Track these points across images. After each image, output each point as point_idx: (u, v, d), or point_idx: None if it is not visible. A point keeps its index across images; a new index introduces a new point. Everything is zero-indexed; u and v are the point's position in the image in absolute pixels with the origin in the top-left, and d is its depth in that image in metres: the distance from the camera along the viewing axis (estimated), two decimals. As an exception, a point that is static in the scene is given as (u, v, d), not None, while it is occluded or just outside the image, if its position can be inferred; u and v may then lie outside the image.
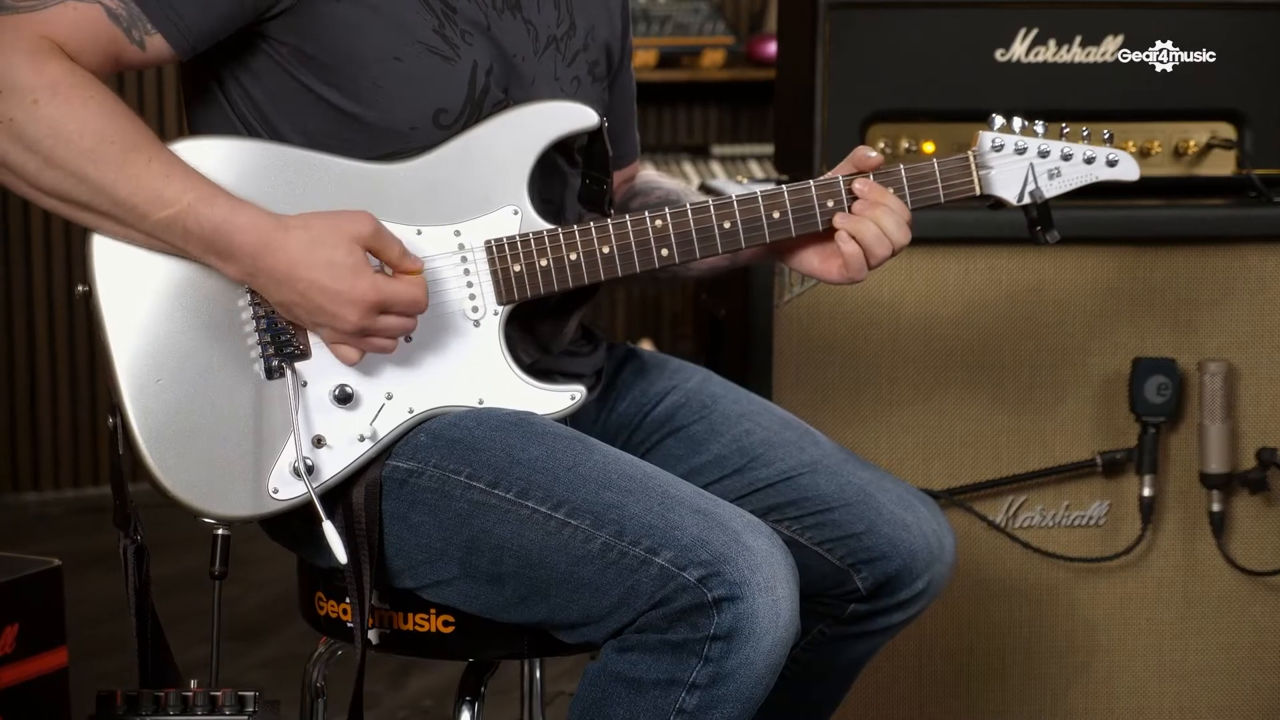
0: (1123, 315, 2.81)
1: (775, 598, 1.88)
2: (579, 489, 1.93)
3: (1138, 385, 2.78)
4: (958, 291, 2.79)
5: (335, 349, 1.97)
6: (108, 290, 1.93)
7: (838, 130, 2.77)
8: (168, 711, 1.87)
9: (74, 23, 1.90)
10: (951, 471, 2.81)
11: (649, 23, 5.35)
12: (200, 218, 1.90)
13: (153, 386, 1.93)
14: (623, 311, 5.83)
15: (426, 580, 2.01)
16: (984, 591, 2.83)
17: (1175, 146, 2.84)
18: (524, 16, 2.10)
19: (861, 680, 2.79)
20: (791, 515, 2.21)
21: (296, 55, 1.99)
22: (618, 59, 2.28)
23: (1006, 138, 2.19)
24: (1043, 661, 2.85)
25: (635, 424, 2.25)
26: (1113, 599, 2.85)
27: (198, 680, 1.97)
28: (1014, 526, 2.83)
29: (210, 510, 1.96)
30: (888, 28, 2.77)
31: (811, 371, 2.78)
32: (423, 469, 1.99)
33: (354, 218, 1.94)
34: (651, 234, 2.07)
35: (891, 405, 2.80)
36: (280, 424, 1.96)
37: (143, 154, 1.89)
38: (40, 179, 1.88)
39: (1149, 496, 2.80)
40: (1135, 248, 2.81)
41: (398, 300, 1.93)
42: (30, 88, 1.85)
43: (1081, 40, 2.80)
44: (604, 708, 1.93)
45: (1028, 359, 2.81)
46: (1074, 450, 2.82)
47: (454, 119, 2.03)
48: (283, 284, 1.91)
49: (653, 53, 5.33)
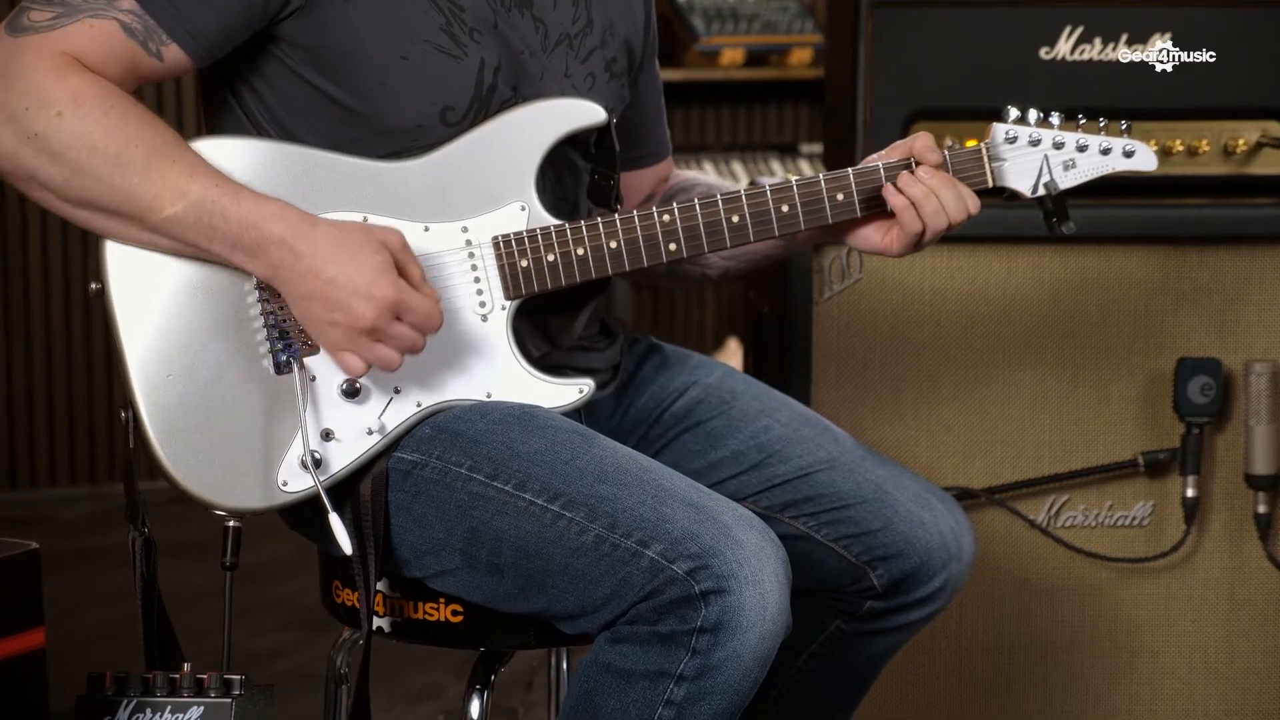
0: (1168, 315, 2.80)
1: (763, 591, 1.90)
2: (575, 482, 1.96)
3: (1181, 385, 2.77)
4: (1000, 290, 2.79)
5: (340, 357, 1.98)
6: (120, 288, 1.98)
7: (880, 128, 2.78)
8: (155, 693, 1.92)
9: (92, 39, 1.95)
10: (992, 470, 2.81)
11: (736, 21, 5.37)
12: (227, 212, 1.94)
13: (163, 382, 1.98)
14: (711, 313, 5.85)
15: (431, 570, 2.05)
16: (1026, 590, 2.83)
17: (1224, 145, 2.81)
18: (534, 14, 2.13)
19: (902, 677, 2.81)
20: (808, 512, 2.22)
21: (306, 56, 2.04)
22: (640, 56, 2.30)
23: (1020, 129, 2.19)
24: (1085, 662, 2.84)
25: (654, 419, 2.28)
26: (1157, 600, 2.83)
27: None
28: (1055, 526, 2.82)
29: (221, 503, 2.01)
30: (931, 26, 2.78)
31: (852, 369, 2.79)
32: (426, 461, 2.02)
33: (386, 228, 1.99)
34: (659, 229, 2.10)
35: (932, 403, 2.80)
36: (289, 418, 2.00)
37: (166, 156, 1.94)
38: (69, 189, 1.94)
39: (1192, 497, 2.78)
40: (1181, 247, 2.79)
41: (415, 309, 1.96)
42: (54, 101, 1.91)
43: (1128, 39, 2.79)
44: (595, 698, 1.95)
45: (1071, 358, 2.80)
46: (1117, 450, 2.81)
47: (461, 117, 2.07)
48: (304, 277, 1.95)
49: (740, 51, 5.34)
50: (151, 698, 1.92)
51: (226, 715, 1.91)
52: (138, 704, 1.92)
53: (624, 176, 2.27)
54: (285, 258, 1.95)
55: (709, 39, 5.35)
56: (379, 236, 1.97)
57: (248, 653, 3.93)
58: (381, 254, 1.95)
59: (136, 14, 1.96)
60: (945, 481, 2.78)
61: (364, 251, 1.95)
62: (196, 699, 1.92)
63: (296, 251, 1.94)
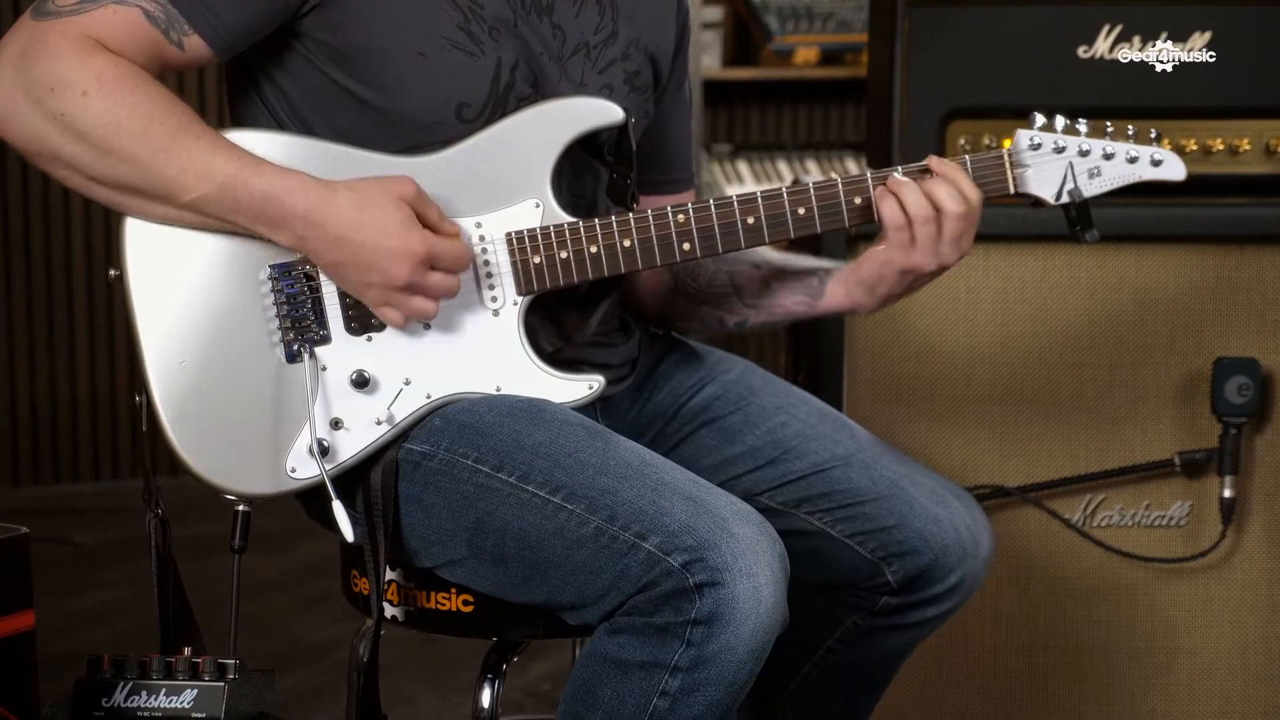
0: (1206, 314, 2.78)
1: (756, 584, 1.91)
2: (577, 474, 1.99)
3: (1219, 385, 2.75)
4: (1036, 289, 2.78)
5: (381, 311, 2.03)
6: (138, 275, 2.03)
7: (916, 128, 2.78)
8: (151, 676, 1.97)
9: (114, 25, 2.00)
10: (1028, 469, 2.80)
11: (811, 20, 5.37)
12: (250, 186, 1.99)
13: (177, 369, 2.03)
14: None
15: (440, 560, 2.08)
16: (1062, 590, 2.82)
17: (1266, 144, 2.79)
18: (553, 21, 2.15)
19: (937, 675, 2.82)
20: (823, 508, 2.24)
21: (326, 51, 2.08)
22: (666, 76, 2.31)
23: (1045, 136, 2.19)
24: (1121, 662, 2.83)
25: (671, 414, 2.30)
26: (1195, 601, 2.82)
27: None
28: (1091, 525, 2.81)
29: (231, 487, 2.05)
30: (967, 25, 2.78)
31: (887, 367, 2.80)
32: (435, 452, 2.06)
33: (398, 180, 2.03)
34: (673, 228, 2.11)
35: (967, 401, 2.80)
36: (299, 406, 2.04)
37: (189, 133, 1.99)
38: (95, 168, 1.99)
39: (1230, 498, 2.77)
40: (1220, 246, 2.77)
41: (445, 255, 2.01)
42: (78, 81, 1.96)
43: (1168, 36, 2.77)
44: (593, 688, 1.98)
45: (1107, 357, 2.79)
46: (1154, 450, 2.80)
47: (477, 113, 2.10)
48: (335, 244, 2.00)
49: (814, 50, 5.35)
50: (148, 680, 1.97)
51: (219, 698, 1.95)
52: (134, 686, 1.97)
53: (647, 200, 2.28)
54: (311, 230, 2.00)
55: (783, 38, 5.36)
56: (394, 190, 2.01)
57: (309, 644, 3.99)
58: (401, 209, 2.00)
59: (159, 2, 2.01)
60: (980, 480, 2.79)
61: (385, 210, 1.99)
62: (191, 682, 1.96)
63: (321, 223, 1.99)
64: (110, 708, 1.96)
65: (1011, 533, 2.80)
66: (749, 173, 5.40)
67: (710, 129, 5.65)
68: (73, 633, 4.00)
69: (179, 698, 1.95)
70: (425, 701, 3.64)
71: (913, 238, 2.12)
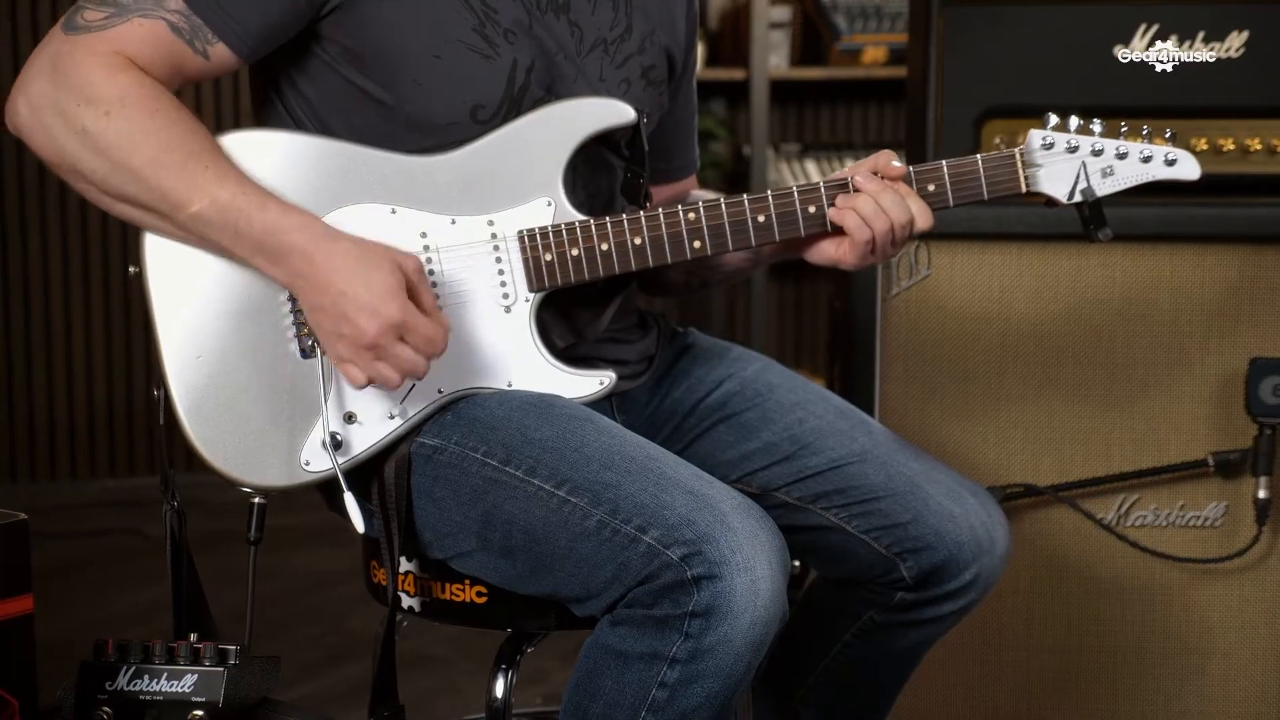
0: (1242, 314, 2.77)
1: (754, 577, 1.93)
2: (582, 468, 2.02)
3: (1254, 386, 2.74)
4: (1070, 288, 2.78)
5: (343, 368, 2.04)
6: (156, 272, 2.08)
7: (952, 126, 2.80)
8: (153, 660, 2.02)
9: (141, 38, 2.05)
10: (1060, 468, 2.81)
11: (879, 19, 5.38)
12: (252, 220, 2.03)
13: (194, 362, 2.07)
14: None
15: (451, 552, 2.12)
16: (1095, 589, 2.82)
17: (1304, 143, 2.79)
18: (570, 18, 2.19)
19: (969, 674, 2.82)
20: (839, 503, 2.25)
21: (343, 53, 2.12)
22: (679, 68, 2.35)
23: (1058, 135, 2.20)
24: (1155, 663, 2.83)
25: (689, 410, 2.32)
26: (1230, 601, 2.81)
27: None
28: (1124, 525, 2.81)
29: (246, 480, 2.09)
30: (1001, 25, 2.79)
31: (920, 366, 2.81)
32: (445, 446, 2.09)
33: (406, 253, 2.05)
34: (684, 226, 2.14)
35: (1000, 400, 2.80)
36: (314, 400, 2.08)
37: (200, 161, 2.03)
38: (108, 183, 2.04)
39: (1265, 499, 2.76)
40: (1257, 246, 2.76)
41: (418, 331, 2.01)
42: (103, 99, 2.01)
43: (1205, 36, 2.77)
44: (594, 679, 2.01)
45: (1142, 356, 2.79)
46: (1189, 450, 2.79)
47: (492, 115, 2.13)
48: (319, 288, 2.02)
49: (883, 49, 5.35)
50: (150, 664, 2.02)
51: (219, 683, 2.00)
52: (137, 670, 2.02)
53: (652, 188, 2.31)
54: (304, 267, 2.02)
55: (851, 37, 5.36)
56: (397, 259, 2.03)
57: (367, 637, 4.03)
58: (395, 275, 2.02)
59: (184, 14, 2.05)
60: (1013, 479, 2.79)
61: (379, 271, 2.01)
62: (192, 667, 2.01)
63: (314, 263, 2.02)
64: (113, 691, 2.01)
65: (1044, 532, 2.81)
66: (816, 172, 5.41)
67: (779, 128, 5.66)
68: (144, 621, 4.08)
69: (180, 682, 2.00)
70: (475, 693, 3.67)
71: (874, 249, 2.18)
